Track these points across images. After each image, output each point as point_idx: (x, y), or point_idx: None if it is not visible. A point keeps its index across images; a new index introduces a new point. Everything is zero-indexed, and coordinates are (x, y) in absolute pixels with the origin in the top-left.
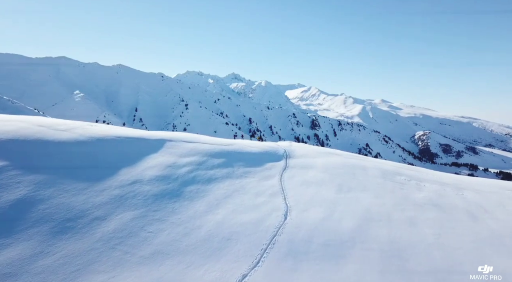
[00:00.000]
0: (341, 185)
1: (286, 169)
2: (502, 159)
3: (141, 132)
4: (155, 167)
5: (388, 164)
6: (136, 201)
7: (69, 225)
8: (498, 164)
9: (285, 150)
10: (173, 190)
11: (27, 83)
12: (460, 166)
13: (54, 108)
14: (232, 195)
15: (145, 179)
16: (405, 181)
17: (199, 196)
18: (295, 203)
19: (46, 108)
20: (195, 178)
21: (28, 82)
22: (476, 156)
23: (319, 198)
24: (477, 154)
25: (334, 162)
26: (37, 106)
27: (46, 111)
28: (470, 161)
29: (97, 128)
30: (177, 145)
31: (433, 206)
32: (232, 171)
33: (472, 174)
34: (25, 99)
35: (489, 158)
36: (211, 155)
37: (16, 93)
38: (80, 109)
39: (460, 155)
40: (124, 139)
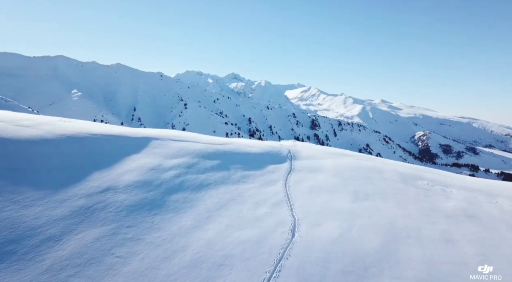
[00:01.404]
0: (356, 191)
1: (292, 172)
2: (502, 160)
3: (122, 129)
4: (134, 170)
5: (405, 166)
6: (105, 214)
7: (10, 249)
8: (498, 164)
9: (289, 150)
10: (155, 199)
11: (24, 82)
12: (461, 167)
13: (51, 108)
14: (227, 204)
15: (120, 185)
16: (429, 186)
17: (187, 206)
18: (304, 215)
19: (43, 107)
20: (183, 183)
21: (26, 81)
22: (477, 156)
23: (332, 208)
24: (478, 155)
25: (345, 163)
26: (34, 105)
27: (43, 110)
28: (471, 161)
29: (70, 124)
30: (163, 144)
31: (467, 217)
32: (228, 174)
33: (473, 174)
34: (23, 98)
35: (490, 159)
36: (204, 155)
37: (13, 92)
38: (77, 109)
39: (460, 156)
40: (101, 138)
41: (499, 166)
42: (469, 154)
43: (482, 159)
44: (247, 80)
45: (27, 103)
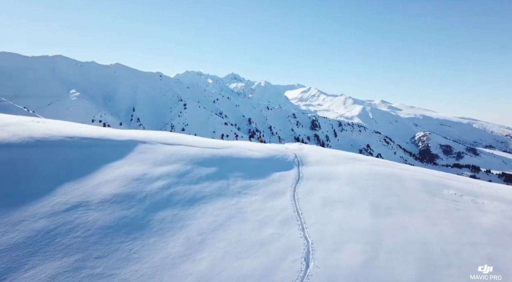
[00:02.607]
0: (376, 203)
1: (300, 181)
2: (502, 160)
3: (105, 131)
4: (114, 180)
5: (425, 172)
6: (70, 240)
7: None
8: (499, 165)
9: (296, 155)
10: (136, 218)
11: (22, 82)
12: (462, 167)
13: (49, 108)
14: (224, 224)
15: (94, 200)
16: (457, 196)
17: (175, 227)
18: (319, 236)
19: (41, 107)
20: (172, 197)
21: (24, 81)
22: (477, 157)
23: (351, 225)
24: (478, 155)
25: (359, 170)
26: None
27: (41, 110)
28: (471, 162)
29: (44, 125)
30: (152, 148)
31: (510, 236)
32: (227, 184)
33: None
34: (21, 98)
35: (490, 159)
36: (199, 162)
37: (11, 92)
38: (76, 109)
39: (460, 156)
40: (78, 142)
41: (500, 167)
42: (470, 155)
43: (482, 160)
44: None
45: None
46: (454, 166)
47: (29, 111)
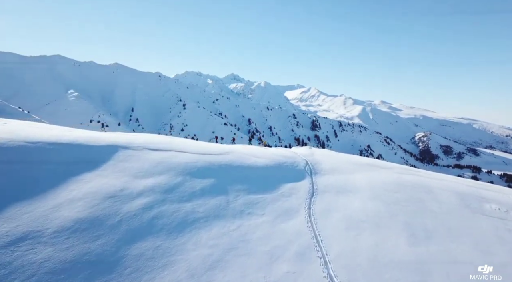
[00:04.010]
0: (410, 224)
1: (315, 194)
2: (503, 161)
3: (79, 134)
4: (81, 199)
5: (454, 180)
6: None
7: None
8: (499, 165)
9: (307, 161)
10: (102, 254)
11: (20, 82)
12: (463, 168)
13: (47, 108)
14: (224, 259)
15: (48, 229)
16: (502, 213)
17: (157, 266)
18: (349, 275)
19: (39, 107)
20: (156, 221)
21: (22, 81)
22: (477, 157)
23: (386, 257)
24: (478, 156)
25: (382, 180)
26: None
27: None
28: (471, 162)
29: (7, 127)
30: (135, 156)
31: None
32: (226, 202)
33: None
34: (19, 99)
35: (490, 160)
36: (192, 172)
37: (9, 92)
38: (74, 109)
39: (461, 157)
40: (42, 147)
41: (500, 167)
42: (470, 155)
43: (483, 160)
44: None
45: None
46: (455, 166)
47: (23, 111)
